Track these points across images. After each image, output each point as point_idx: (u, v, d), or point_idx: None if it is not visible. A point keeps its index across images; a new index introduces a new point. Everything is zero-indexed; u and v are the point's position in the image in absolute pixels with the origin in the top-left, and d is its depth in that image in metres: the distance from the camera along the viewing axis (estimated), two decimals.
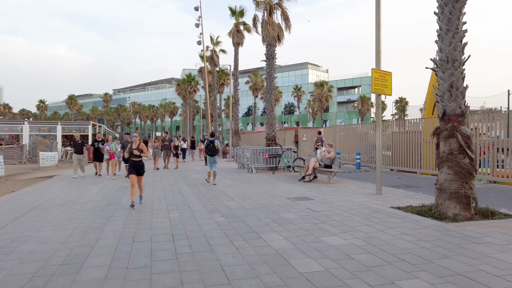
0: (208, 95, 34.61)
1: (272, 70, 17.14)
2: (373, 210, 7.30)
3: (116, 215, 7.20)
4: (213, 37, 32.88)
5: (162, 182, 12.85)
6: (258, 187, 11.00)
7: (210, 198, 9.21)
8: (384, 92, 9.20)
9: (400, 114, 78.84)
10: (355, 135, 19.93)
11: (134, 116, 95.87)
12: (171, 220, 6.70)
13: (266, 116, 17.38)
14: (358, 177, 13.98)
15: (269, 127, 17.19)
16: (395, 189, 10.25)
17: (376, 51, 9.13)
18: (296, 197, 9.08)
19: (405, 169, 15.28)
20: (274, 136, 17.16)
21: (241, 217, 6.87)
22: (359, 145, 19.40)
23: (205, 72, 33.89)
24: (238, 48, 25.37)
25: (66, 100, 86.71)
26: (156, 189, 10.95)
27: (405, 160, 15.39)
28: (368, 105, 73.06)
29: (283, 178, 13.57)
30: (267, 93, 17.37)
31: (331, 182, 11.78)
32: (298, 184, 11.56)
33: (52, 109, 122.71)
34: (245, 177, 13.91)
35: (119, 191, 10.57)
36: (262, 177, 14.01)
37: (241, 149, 18.08)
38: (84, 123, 34.39)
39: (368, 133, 19.88)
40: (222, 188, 10.92)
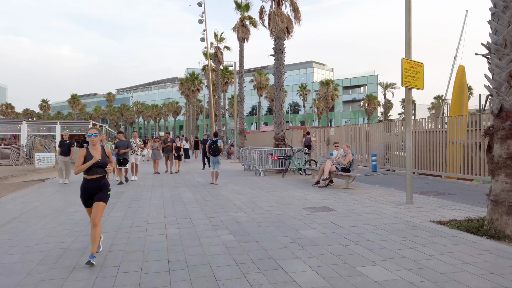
0: (212, 94, 33.48)
1: (280, 65, 15.93)
2: (411, 226, 6.09)
3: (104, 231, 6.04)
4: (217, 34, 31.76)
5: (162, 187, 11.69)
6: (268, 194, 9.82)
7: (215, 207, 8.03)
8: (415, 85, 7.97)
9: None
10: (366, 135, 18.71)
11: (137, 115, 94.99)
12: (169, 239, 5.53)
13: (274, 114, 16.19)
14: (377, 181, 12.75)
15: (278, 127, 15.99)
16: (425, 197, 9.01)
17: (406, 38, 7.90)
18: (314, 207, 7.88)
19: (427, 172, 14.01)
20: (283, 136, 15.96)
21: (253, 234, 5.69)
22: (371, 146, 18.18)
23: (209, 69, 32.75)
24: (243, 44, 24.19)
25: (69, 100, 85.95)
26: (155, 196, 9.79)
27: (427, 162, 14.13)
28: (374, 104, 71.66)
29: (294, 182, 12.37)
30: (275, 90, 16.17)
31: (349, 188, 10.56)
32: (313, 190, 10.36)
33: (56, 109, 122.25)
34: (252, 181, 12.73)
35: (113, 199, 9.42)
36: (271, 181, 12.82)
37: (247, 150, 16.90)
38: (84, 123, 33.41)
39: (380, 133, 18.70)
40: (228, 195, 9.74)
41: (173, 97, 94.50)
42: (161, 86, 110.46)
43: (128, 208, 8.04)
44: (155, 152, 16.47)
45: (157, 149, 16.57)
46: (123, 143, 12.13)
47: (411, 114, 8.00)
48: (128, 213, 7.51)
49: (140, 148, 13.47)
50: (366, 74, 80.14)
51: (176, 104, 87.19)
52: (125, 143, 12.18)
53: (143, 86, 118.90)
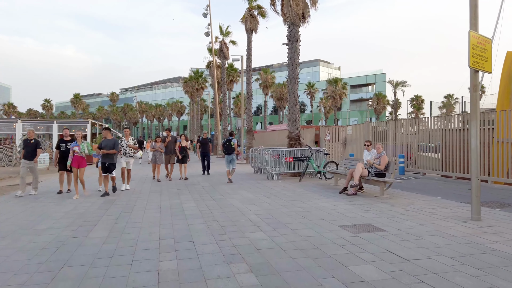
0: (216, 91, 31.79)
1: (295, 55, 14.16)
2: (508, 259, 4.29)
3: (73, 263, 4.32)
4: (222, 27, 30.02)
5: (160, 194, 9.96)
6: (289, 204, 8.05)
7: (225, 223, 6.28)
8: (483, 67, 6.17)
9: (417, 113, 75.26)
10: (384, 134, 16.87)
11: (140, 115, 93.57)
12: (161, 280, 3.78)
13: (288, 111, 14.41)
14: (412, 187, 10.92)
15: (292, 124, 14.19)
16: (488, 210, 7.19)
17: (471, 5, 6.10)
18: (354, 224, 6.10)
19: (467, 176, 12.16)
20: (298, 134, 14.16)
21: (283, 273, 3.93)
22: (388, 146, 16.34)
23: (214, 65, 31.11)
24: (251, 36, 22.42)
25: (72, 99, 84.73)
26: (151, 207, 8.05)
27: (465, 164, 12.27)
28: (383, 103, 69.56)
29: (315, 188, 10.58)
30: (290, 83, 14.38)
31: (385, 196, 8.76)
32: (342, 199, 8.57)
33: (60, 108, 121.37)
34: (266, 186, 10.96)
35: (98, 211, 7.69)
36: (287, 186, 11.05)
37: (258, 151, 15.14)
38: (82, 122, 31.80)
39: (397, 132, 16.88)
40: (240, 205, 7.98)
41: (177, 97, 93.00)
42: (165, 86, 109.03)
43: (115, 225, 6.31)
44: (156, 154, 13.27)
45: (159, 151, 13.32)
46: (109, 142, 9.38)
47: (478, 104, 6.18)
48: (113, 233, 5.78)
49: (133, 149, 10.82)
50: (374, 73, 78.13)
51: (180, 104, 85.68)
52: (111, 142, 9.37)
53: (146, 86, 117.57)
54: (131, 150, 10.84)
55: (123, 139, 10.82)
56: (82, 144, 9.36)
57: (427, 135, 14.93)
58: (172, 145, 13.56)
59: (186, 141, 13.86)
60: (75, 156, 9.27)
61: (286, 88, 66.49)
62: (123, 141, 10.74)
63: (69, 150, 9.62)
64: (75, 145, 9.29)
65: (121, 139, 10.75)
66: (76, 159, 9.30)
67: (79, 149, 9.25)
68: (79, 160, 9.33)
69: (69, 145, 9.75)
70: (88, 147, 9.43)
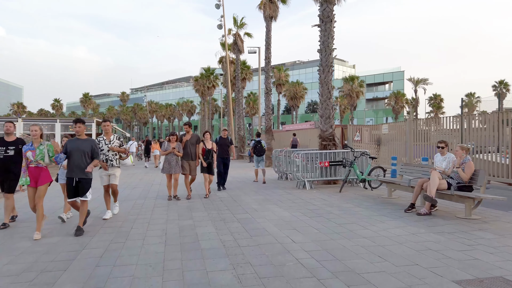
0: (229, 87, 29.57)
1: (329, 38, 11.80)
2: None
3: None
4: (236, 18, 27.77)
5: (167, 210, 7.71)
6: (345, 230, 5.72)
7: (264, 270, 3.98)
8: None
9: (437, 112, 71.99)
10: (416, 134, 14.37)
11: (150, 115, 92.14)
12: None
13: (321, 105, 12.07)
14: (496, 201, 8.45)
15: (325, 121, 11.83)
16: None
17: None
18: (474, 276, 3.75)
19: None
20: (333, 134, 11.80)
21: None
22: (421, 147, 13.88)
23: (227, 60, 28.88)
24: (270, 23, 20.11)
25: (81, 99, 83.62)
26: (153, 233, 5.79)
27: None
28: (402, 102, 66.42)
29: (366, 202, 8.22)
30: (322, 72, 12.02)
31: (473, 218, 6.36)
32: (416, 222, 6.20)
33: (71, 109, 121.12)
34: (300, 199, 8.64)
35: (77, 241, 5.49)
36: (327, 199, 8.71)
37: (283, 153, 12.83)
38: (87, 120, 29.96)
39: (431, 132, 14.43)
40: (277, 232, 5.68)
41: (187, 96, 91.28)
42: (175, 86, 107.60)
43: (95, 270, 4.08)
44: (170, 159, 8.86)
45: (176, 153, 8.84)
46: (81, 145, 5.74)
47: None
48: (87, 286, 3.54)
49: (119, 153, 7.06)
50: (391, 70, 75.16)
51: (190, 103, 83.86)
52: (85, 145, 5.76)
53: (157, 86, 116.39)
54: (115, 155, 6.98)
55: (102, 138, 6.99)
56: (41, 146, 5.82)
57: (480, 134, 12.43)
58: (192, 147, 9.18)
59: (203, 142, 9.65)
60: (29, 168, 5.75)
61: (299, 86, 64.35)
62: (102, 142, 6.92)
63: (10, 157, 6.18)
64: (29, 149, 5.79)
65: (99, 140, 6.97)
66: (33, 173, 5.73)
67: (34, 156, 5.73)
68: (37, 173, 5.74)
69: (12, 150, 6.21)
70: (50, 151, 5.87)
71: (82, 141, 5.84)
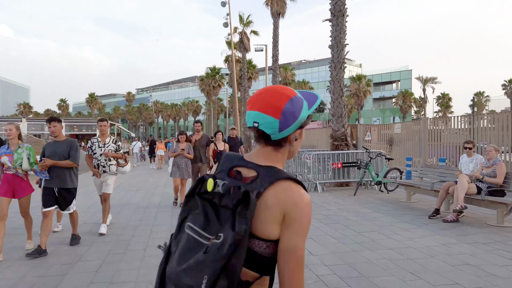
0: (236, 86, 29.09)
1: (341, 33, 11.25)
2: None
3: None
4: (242, 16, 27.29)
5: (172, 214, 7.23)
6: (368, 239, 5.19)
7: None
8: None
9: (445, 111, 70.91)
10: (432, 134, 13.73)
11: (156, 115, 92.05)
12: None
13: (332, 103, 11.52)
14: None
15: (337, 121, 11.28)
16: None
17: None
18: None
19: None
20: (345, 133, 11.25)
21: None
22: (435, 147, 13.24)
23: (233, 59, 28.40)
24: (278, 20, 19.60)
25: (87, 99, 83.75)
26: (155, 239, 5.31)
27: None
28: (410, 101, 65.48)
29: (384, 207, 7.66)
30: (334, 69, 11.47)
31: (507, 226, 5.78)
32: (444, 230, 5.64)
33: (77, 109, 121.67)
34: (313, 203, 8.10)
35: (62, 260, 5.02)
36: (342, 203, 8.16)
37: None
38: (91, 120, 29.65)
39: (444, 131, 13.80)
40: None
41: (192, 96, 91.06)
42: (181, 86, 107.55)
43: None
44: (179, 162, 7.86)
45: (186, 155, 7.80)
46: (58, 148, 4.85)
47: None
48: None
49: (115, 159, 5.94)
50: (399, 69, 74.21)
51: (196, 103, 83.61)
52: (62, 147, 4.85)
53: (162, 86, 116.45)
54: (108, 160, 5.82)
55: (97, 140, 5.88)
56: (19, 150, 4.73)
57: None
58: (202, 149, 8.14)
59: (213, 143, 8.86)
60: (5, 175, 4.71)
61: (306, 86, 63.66)
62: (95, 144, 5.82)
63: None
64: (4, 153, 4.71)
65: (92, 141, 5.89)
66: (10, 181, 4.69)
67: (11, 161, 4.67)
68: (16, 182, 4.73)
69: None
70: (30, 156, 4.81)
71: (60, 144, 4.86)
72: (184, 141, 7.95)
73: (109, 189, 5.86)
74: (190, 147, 7.93)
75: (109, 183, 5.86)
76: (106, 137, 5.95)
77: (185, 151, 7.84)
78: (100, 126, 6.00)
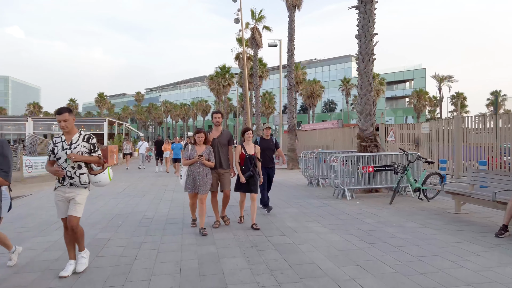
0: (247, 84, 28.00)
1: (370, 21, 10.09)
2: None
3: None
4: (254, 11, 26.20)
5: (183, 226, 6.15)
6: (428, 265, 4.06)
7: None
8: None
9: (460, 111, 68.86)
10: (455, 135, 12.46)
11: (165, 115, 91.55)
12: None
13: (360, 99, 10.36)
14: None
15: (365, 119, 10.12)
16: None
17: None
18: None
19: None
20: (374, 133, 10.08)
21: None
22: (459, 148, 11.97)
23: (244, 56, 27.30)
24: (294, 13, 18.46)
25: (96, 99, 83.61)
26: (163, 263, 4.24)
27: None
28: (424, 101, 63.59)
29: (433, 220, 6.49)
30: (362, 61, 10.30)
31: None
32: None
33: (87, 109, 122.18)
34: (345, 214, 6.98)
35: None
36: (379, 213, 7.02)
37: (315, 155, 11.18)
38: (98, 119, 28.87)
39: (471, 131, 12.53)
40: (332, 268, 4.06)
41: (201, 96, 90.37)
42: (190, 85, 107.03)
43: None
44: (195, 172, 5.68)
45: (205, 163, 5.67)
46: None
47: None
48: None
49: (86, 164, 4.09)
50: (412, 68, 72.34)
51: (205, 103, 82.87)
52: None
53: (171, 86, 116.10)
54: (78, 167, 4.00)
55: (60, 140, 4.03)
56: None
57: None
58: (222, 150, 6.15)
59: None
60: None
61: (316, 85, 62.38)
62: (58, 146, 3.99)
63: None
64: None
65: (55, 141, 4.04)
66: None
67: None
68: None
69: None
70: None
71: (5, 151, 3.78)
72: (202, 143, 5.75)
73: (78, 210, 3.96)
74: (211, 151, 5.82)
75: (78, 201, 3.96)
76: (74, 133, 4.01)
77: (203, 157, 5.61)
78: (59, 122, 3.93)
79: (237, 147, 6.18)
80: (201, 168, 5.71)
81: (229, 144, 6.28)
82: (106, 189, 10.81)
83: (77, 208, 3.97)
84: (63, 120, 3.92)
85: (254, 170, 6.05)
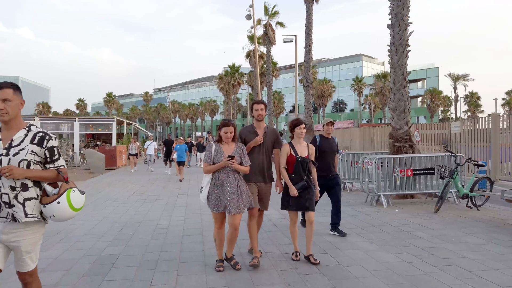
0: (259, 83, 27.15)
1: (404, 9, 9.14)
2: None
3: None
4: (268, 7, 25.32)
5: (202, 235, 5.28)
6: None
7: None
8: None
9: (474, 110, 67.16)
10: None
11: (173, 115, 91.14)
12: None
13: (393, 96, 9.42)
14: None
15: (399, 117, 9.16)
16: None
17: None
18: None
19: None
20: (409, 133, 9.12)
21: None
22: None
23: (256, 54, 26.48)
24: (312, 6, 17.54)
25: (105, 98, 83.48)
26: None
27: None
28: (438, 100, 62.02)
29: (498, 234, 5.53)
30: (395, 54, 9.35)
31: None
32: None
33: (96, 109, 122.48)
34: (387, 224, 6.05)
35: None
36: (427, 224, 6.07)
37: (339, 156, 10.25)
38: (106, 119, 28.25)
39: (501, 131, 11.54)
40: None
41: (210, 96, 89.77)
42: (198, 85, 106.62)
43: None
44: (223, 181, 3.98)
45: (237, 167, 3.94)
46: None
47: None
48: None
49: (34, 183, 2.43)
50: (425, 67, 70.76)
51: (213, 103, 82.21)
52: None
53: (179, 86, 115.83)
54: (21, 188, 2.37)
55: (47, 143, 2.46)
56: None
57: None
58: (266, 157, 4.48)
59: None
60: None
61: (327, 84, 61.29)
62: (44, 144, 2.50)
63: None
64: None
65: None
66: None
67: None
68: None
69: None
70: None
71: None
72: (230, 140, 4.04)
73: (29, 262, 2.46)
74: (243, 150, 4.14)
75: (26, 249, 2.43)
76: (17, 128, 2.44)
77: (235, 159, 3.91)
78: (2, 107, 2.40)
79: (284, 147, 4.41)
80: (232, 175, 3.99)
81: (275, 147, 4.54)
82: (116, 193, 10.02)
83: (27, 260, 2.44)
84: (2, 99, 2.32)
85: (309, 179, 4.35)
